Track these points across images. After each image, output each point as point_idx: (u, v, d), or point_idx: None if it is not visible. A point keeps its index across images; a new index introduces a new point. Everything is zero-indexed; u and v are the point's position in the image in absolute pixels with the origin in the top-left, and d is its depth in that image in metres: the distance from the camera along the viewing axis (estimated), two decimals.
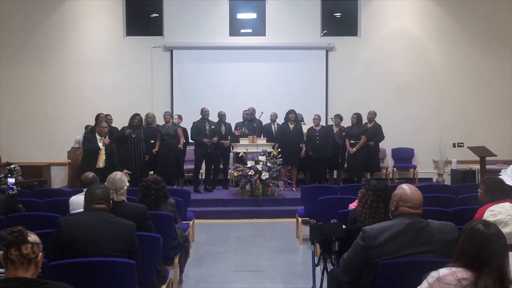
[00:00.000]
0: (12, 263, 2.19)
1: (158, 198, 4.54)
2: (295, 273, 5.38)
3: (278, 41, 11.23)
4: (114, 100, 10.80)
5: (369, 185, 3.59)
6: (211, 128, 9.45)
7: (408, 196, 2.94)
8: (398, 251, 2.84)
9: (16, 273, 2.20)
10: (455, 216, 4.59)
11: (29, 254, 2.22)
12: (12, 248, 2.19)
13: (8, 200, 4.89)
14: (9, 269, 2.20)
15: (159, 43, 11.21)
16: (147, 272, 3.59)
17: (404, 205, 2.93)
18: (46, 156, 10.59)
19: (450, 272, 2.13)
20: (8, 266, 2.20)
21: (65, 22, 11.16)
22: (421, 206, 2.95)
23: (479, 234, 2.19)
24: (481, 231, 2.20)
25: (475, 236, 2.19)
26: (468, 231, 2.24)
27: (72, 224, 3.19)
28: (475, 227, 2.22)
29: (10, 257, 2.19)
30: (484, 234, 2.18)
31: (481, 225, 2.23)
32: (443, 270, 2.17)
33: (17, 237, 2.21)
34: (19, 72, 11.08)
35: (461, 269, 2.14)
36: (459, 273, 2.13)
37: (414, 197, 2.93)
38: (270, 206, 8.58)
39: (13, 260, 2.19)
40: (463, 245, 2.21)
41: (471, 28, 11.26)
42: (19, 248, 2.20)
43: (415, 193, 2.95)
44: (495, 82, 11.30)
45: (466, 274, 2.13)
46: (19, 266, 2.20)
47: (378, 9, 11.34)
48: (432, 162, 10.92)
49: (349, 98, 11.00)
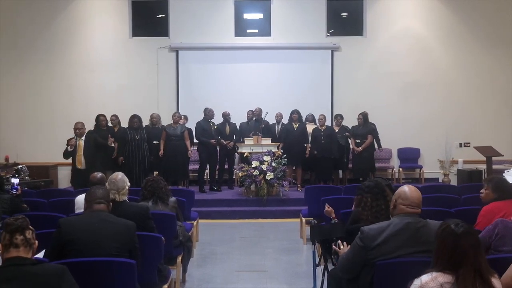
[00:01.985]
0: (15, 247, 2.42)
1: (159, 198, 4.59)
2: (298, 273, 5.38)
3: (283, 41, 11.24)
4: (120, 101, 10.85)
5: (363, 188, 3.59)
6: (215, 129, 9.48)
7: (406, 195, 2.96)
8: (396, 251, 2.85)
9: (18, 254, 2.42)
10: (458, 216, 4.56)
11: (31, 239, 2.48)
12: (17, 233, 2.43)
13: (13, 200, 4.93)
14: (11, 251, 2.42)
15: (165, 44, 11.25)
16: (148, 272, 3.61)
17: (402, 203, 2.96)
18: (53, 157, 10.63)
19: (432, 278, 2.13)
20: (10, 250, 2.42)
21: (71, 23, 11.23)
22: (419, 205, 2.95)
23: (449, 235, 2.19)
24: (451, 231, 2.20)
25: (446, 237, 2.19)
26: (440, 234, 2.23)
27: (73, 224, 3.22)
28: (445, 229, 2.22)
29: (15, 241, 2.42)
30: (454, 234, 2.18)
31: (451, 225, 2.23)
32: (424, 277, 2.17)
33: (22, 223, 2.47)
34: (25, 73, 11.17)
35: (440, 273, 2.14)
36: (439, 277, 2.13)
37: (413, 196, 2.95)
38: (275, 206, 8.58)
39: (18, 244, 2.42)
40: (438, 248, 2.21)
41: (476, 28, 11.19)
42: (23, 233, 2.44)
43: (413, 193, 2.97)
44: (500, 82, 11.22)
45: (446, 278, 2.13)
46: (22, 249, 2.43)
47: (384, 9, 11.31)
48: (438, 162, 10.87)
49: (354, 98, 10.98)
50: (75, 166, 7.86)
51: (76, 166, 7.82)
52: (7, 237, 2.43)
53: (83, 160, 7.75)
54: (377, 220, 3.35)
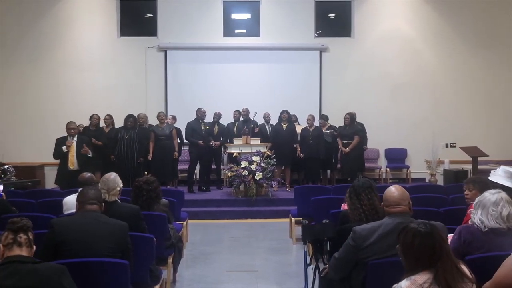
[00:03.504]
0: (19, 245, 2.47)
1: (150, 199, 4.52)
2: (288, 273, 5.41)
3: (272, 41, 11.27)
4: (108, 100, 10.78)
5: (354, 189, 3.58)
6: (206, 129, 9.48)
7: (386, 197, 3.06)
8: (387, 251, 2.88)
9: (21, 253, 2.46)
10: (446, 216, 4.63)
11: (32, 240, 2.54)
12: (21, 232, 2.49)
13: (2, 201, 4.88)
14: (14, 249, 2.46)
15: (153, 44, 11.21)
16: (140, 272, 3.61)
17: (385, 205, 3.06)
18: (40, 157, 10.54)
19: (411, 282, 2.17)
20: (13, 248, 2.46)
21: (59, 23, 11.14)
22: (400, 203, 3.00)
23: (422, 235, 2.23)
24: (422, 232, 2.24)
25: (419, 238, 2.22)
26: (410, 237, 2.25)
27: (65, 225, 3.21)
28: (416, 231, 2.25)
29: (19, 240, 2.47)
30: (425, 234, 2.23)
31: (419, 227, 2.26)
32: (404, 282, 2.20)
33: (27, 223, 2.54)
34: (12, 72, 11.04)
35: (419, 275, 2.18)
36: (418, 279, 2.17)
37: (391, 196, 3.03)
38: (264, 206, 8.60)
39: (21, 242, 2.47)
40: (413, 251, 2.23)
41: (464, 29, 11.33)
42: (27, 232, 2.50)
43: (390, 193, 3.05)
44: (488, 83, 11.38)
45: (424, 277, 2.17)
46: (25, 249, 2.48)
47: (372, 10, 11.40)
48: (425, 163, 10.98)
49: (342, 99, 11.05)
50: (66, 167, 7.75)
51: (68, 167, 7.71)
52: (10, 235, 2.47)
53: (76, 160, 7.68)
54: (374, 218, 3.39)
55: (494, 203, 3.03)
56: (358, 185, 3.59)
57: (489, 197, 3.08)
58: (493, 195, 3.08)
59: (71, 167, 7.70)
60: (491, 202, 3.04)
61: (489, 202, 3.05)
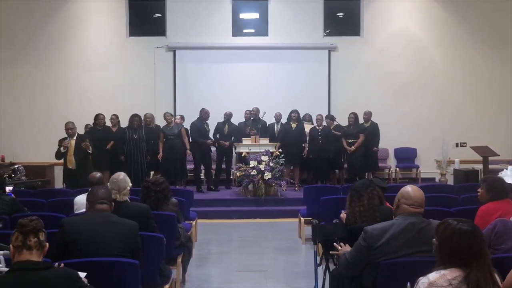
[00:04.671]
0: (28, 249, 2.35)
1: (157, 200, 4.51)
2: (297, 273, 5.39)
3: (280, 41, 11.24)
4: (116, 100, 10.82)
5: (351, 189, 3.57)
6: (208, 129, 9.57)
7: (409, 195, 2.98)
8: (398, 251, 2.86)
9: (31, 257, 2.35)
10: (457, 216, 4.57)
11: (43, 241, 2.42)
12: (31, 235, 2.37)
13: (14, 201, 4.91)
14: (23, 254, 2.35)
15: (162, 44, 11.22)
16: (150, 272, 3.61)
17: (405, 202, 2.98)
18: (50, 157, 10.49)
19: (440, 275, 2.15)
20: (23, 252, 2.35)
21: (68, 23, 11.19)
22: (422, 205, 2.97)
23: (465, 233, 2.20)
24: (465, 229, 2.21)
25: (460, 236, 2.20)
26: (450, 232, 2.23)
27: (76, 225, 3.22)
28: (458, 228, 2.22)
29: (29, 243, 2.35)
30: (468, 231, 2.20)
31: (460, 224, 2.24)
32: (432, 275, 2.18)
33: (37, 224, 2.40)
34: (21, 72, 11.11)
35: (449, 271, 2.16)
36: (448, 275, 2.15)
37: (415, 196, 2.97)
38: (273, 206, 8.59)
39: (31, 246, 2.35)
40: (450, 248, 2.21)
41: (472, 28, 11.24)
42: (37, 235, 2.38)
43: (416, 192, 2.99)
44: (496, 81, 11.29)
45: (455, 274, 2.15)
46: (35, 252, 2.37)
47: (381, 9, 11.34)
48: (434, 162, 10.91)
49: (351, 98, 11.00)
50: (66, 166, 7.81)
51: (67, 166, 7.78)
52: (20, 238, 2.36)
53: (74, 160, 7.72)
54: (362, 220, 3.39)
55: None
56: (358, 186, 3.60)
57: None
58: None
59: (70, 166, 7.74)
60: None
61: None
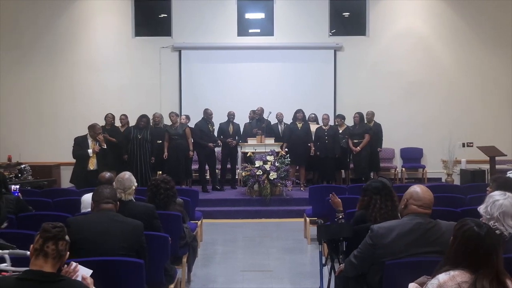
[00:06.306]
0: (45, 255, 2.25)
1: (167, 198, 4.53)
2: (302, 273, 5.38)
3: (286, 41, 11.23)
4: (122, 100, 10.86)
5: (371, 189, 3.56)
6: (213, 129, 9.57)
7: (419, 195, 2.94)
8: (405, 251, 2.84)
9: (44, 266, 2.24)
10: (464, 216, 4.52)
11: (63, 250, 2.31)
12: (51, 242, 2.27)
13: (19, 200, 4.93)
14: (39, 260, 2.25)
15: (167, 44, 11.25)
16: (155, 272, 3.61)
17: (414, 203, 2.95)
18: (56, 156, 10.66)
19: (450, 277, 2.13)
20: (39, 257, 2.25)
21: (74, 23, 11.23)
22: (431, 206, 2.95)
23: (474, 235, 2.18)
24: (476, 232, 2.19)
25: (470, 237, 2.18)
26: (462, 233, 2.22)
27: (81, 224, 3.22)
28: (470, 229, 2.21)
29: (46, 249, 2.25)
30: (478, 235, 2.18)
31: (475, 226, 2.22)
32: (442, 276, 2.17)
33: (59, 232, 2.30)
34: (28, 72, 11.16)
35: (459, 273, 2.14)
36: (458, 277, 2.13)
37: (425, 197, 2.94)
38: (278, 206, 8.57)
39: (48, 253, 2.25)
40: (459, 247, 2.20)
41: (479, 27, 11.19)
42: (57, 243, 2.28)
43: (426, 193, 2.96)
44: (503, 81, 11.22)
45: (465, 277, 2.13)
46: (50, 261, 2.26)
47: (386, 8, 11.30)
48: (441, 162, 10.86)
49: (357, 98, 10.96)
50: (84, 167, 7.70)
51: (88, 167, 7.67)
52: (39, 242, 2.28)
53: (95, 161, 7.70)
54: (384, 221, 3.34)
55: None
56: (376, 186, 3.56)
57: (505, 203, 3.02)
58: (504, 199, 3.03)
59: (91, 167, 7.68)
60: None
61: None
